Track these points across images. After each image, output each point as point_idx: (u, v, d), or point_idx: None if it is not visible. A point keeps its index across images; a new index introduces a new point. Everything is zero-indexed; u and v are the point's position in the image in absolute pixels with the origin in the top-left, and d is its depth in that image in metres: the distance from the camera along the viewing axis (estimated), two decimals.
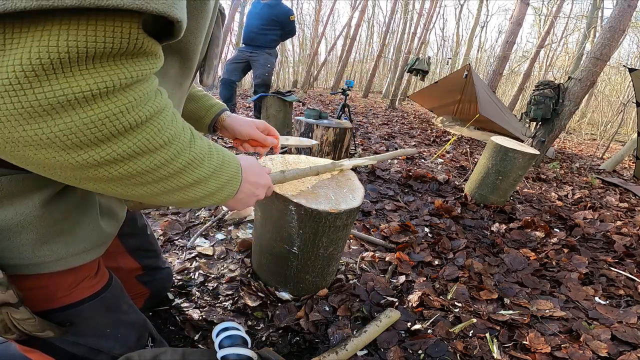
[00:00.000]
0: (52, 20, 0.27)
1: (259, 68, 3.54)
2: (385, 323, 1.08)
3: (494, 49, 19.44)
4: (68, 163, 0.34)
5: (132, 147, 0.36)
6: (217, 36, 0.60)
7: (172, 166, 0.41)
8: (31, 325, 0.48)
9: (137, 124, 0.35)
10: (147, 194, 0.42)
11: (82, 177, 0.36)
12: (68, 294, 0.55)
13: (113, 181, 0.38)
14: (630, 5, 3.42)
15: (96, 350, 0.60)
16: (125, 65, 0.33)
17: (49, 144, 0.32)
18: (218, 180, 0.49)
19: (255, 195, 0.62)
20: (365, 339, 1.00)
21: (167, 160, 0.40)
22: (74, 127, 0.31)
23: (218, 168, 0.49)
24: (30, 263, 0.48)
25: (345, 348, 0.94)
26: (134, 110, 0.34)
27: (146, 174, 0.39)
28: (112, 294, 0.63)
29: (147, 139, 0.37)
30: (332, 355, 0.90)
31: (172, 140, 0.40)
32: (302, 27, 18.20)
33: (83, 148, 0.33)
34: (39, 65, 0.28)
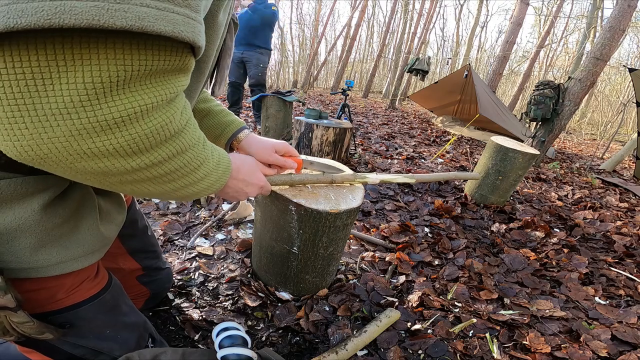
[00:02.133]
0: (123, 39, 0.31)
1: (252, 68, 3.58)
2: (385, 323, 1.07)
3: (494, 49, 19.45)
4: (123, 169, 0.38)
5: (172, 150, 0.41)
6: (229, 46, 0.60)
7: (193, 164, 0.46)
8: (30, 328, 0.48)
9: (178, 129, 0.41)
10: (167, 190, 0.46)
11: (125, 180, 0.40)
12: (68, 296, 0.55)
13: (148, 181, 0.43)
14: (630, 5, 3.42)
15: (96, 351, 0.60)
16: (174, 80, 0.38)
17: (113, 153, 0.36)
18: (216, 174, 0.52)
19: (245, 192, 0.66)
20: (365, 339, 1.00)
21: (191, 159, 0.45)
22: (137, 137, 0.36)
23: (217, 163, 0.52)
24: (29, 267, 0.48)
25: (345, 348, 0.94)
26: (175, 119, 0.40)
27: (174, 172, 0.44)
28: (111, 296, 0.63)
29: (182, 142, 0.42)
30: (332, 355, 0.90)
31: (196, 142, 0.45)
32: (302, 27, 18.19)
33: (138, 154, 0.38)
34: (109, 81, 0.32)
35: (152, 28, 0.30)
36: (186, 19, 0.34)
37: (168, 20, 0.32)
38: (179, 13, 0.33)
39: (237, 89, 3.71)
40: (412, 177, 1.11)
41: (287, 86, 14.70)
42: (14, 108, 0.30)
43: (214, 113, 0.81)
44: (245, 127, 0.84)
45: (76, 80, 0.30)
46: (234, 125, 0.82)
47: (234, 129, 0.82)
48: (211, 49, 0.51)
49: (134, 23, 0.29)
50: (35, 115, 0.31)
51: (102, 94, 0.32)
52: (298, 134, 2.71)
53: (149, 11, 0.30)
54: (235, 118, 0.84)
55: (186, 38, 0.34)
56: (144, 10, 0.30)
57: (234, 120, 0.83)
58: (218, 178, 0.53)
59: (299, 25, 18.37)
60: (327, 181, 0.98)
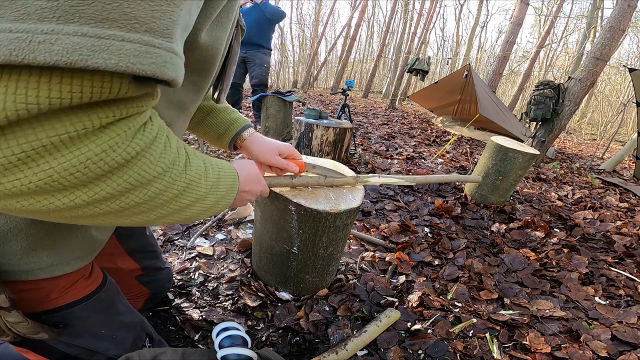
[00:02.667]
0: (29, 72, 0.25)
1: (255, 68, 3.55)
2: (385, 323, 1.07)
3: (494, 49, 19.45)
4: (55, 206, 0.32)
5: (122, 185, 0.34)
6: (236, 53, 0.57)
7: (168, 194, 0.40)
8: (24, 328, 0.48)
9: (125, 160, 0.33)
10: (144, 220, 0.41)
11: (73, 216, 0.35)
12: (61, 296, 0.55)
13: (107, 215, 0.37)
14: (630, 5, 3.42)
15: (91, 351, 0.60)
16: (108, 107, 0.30)
17: (30, 193, 0.30)
18: (215, 195, 0.48)
19: (246, 199, 0.64)
20: (365, 339, 1.00)
21: (162, 189, 0.38)
22: (54, 173, 0.29)
23: (215, 184, 0.48)
24: (20, 270, 0.48)
25: (345, 348, 0.94)
26: (119, 148, 0.32)
27: (141, 205, 0.38)
28: (106, 295, 0.63)
29: (138, 173, 0.35)
30: (332, 355, 0.90)
31: (166, 170, 0.38)
32: (302, 27, 18.19)
33: (69, 190, 0.31)
34: (13, 114, 0.25)
35: (84, 63, 0.25)
36: (144, 48, 0.27)
37: (112, 51, 0.26)
38: (132, 40, 0.27)
39: (236, 90, 3.68)
40: (413, 179, 1.10)
41: (287, 86, 14.70)
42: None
43: (218, 110, 0.80)
44: (249, 125, 0.83)
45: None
46: (238, 123, 0.81)
47: (237, 127, 0.81)
48: (215, 62, 0.49)
49: (59, 58, 0.24)
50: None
51: (15, 126, 0.26)
52: (298, 134, 2.71)
53: (83, 42, 0.24)
54: (239, 116, 0.82)
55: (139, 71, 0.28)
56: (77, 41, 0.24)
57: (238, 118, 0.82)
58: (220, 198, 0.50)
59: (299, 25, 18.37)
60: (327, 184, 0.98)
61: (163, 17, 0.29)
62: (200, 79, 0.51)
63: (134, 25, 0.27)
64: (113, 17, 0.26)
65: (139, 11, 0.27)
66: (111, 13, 0.26)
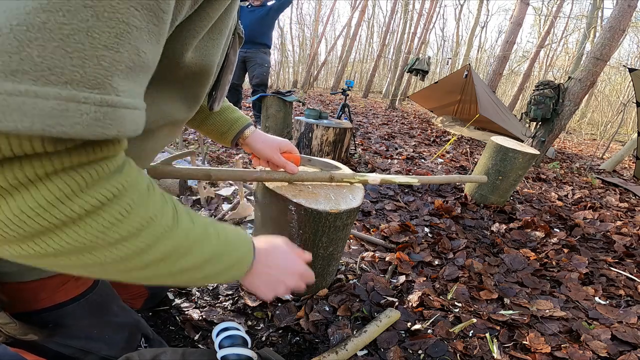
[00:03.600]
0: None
1: (256, 68, 3.50)
2: (385, 323, 1.07)
3: (494, 49, 19.45)
4: (9, 254, 0.29)
5: (80, 239, 0.29)
6: (232, 62, 0.55)
7: (145, 258, 0.34)
8: (12, 329, 0.48)
9: (85, 211, 0.28)
10: (125, 278, 0.36)
11: (37, 263, 0.31)
12: (51, 296, 0.55)
13: (71, 268, 0.32)
14: (630, 5, 3.42)
15: (84, 351, 0.60)
16: (55, 157, 0.26)
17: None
18: (217, 265, 0.43)
19: (283, 282, 0.54)
20: (365, 338, 1.00)
21: (136, 251, 0.33)
22: (5, 219, 0.25)
23: (218, 254, 0.42)
24: (10, 271, 0.48)
25: (345, 348, 0.94)
26: (77, 197, 0.27)
27: (112, 264, 0.32)
28: (98, 295, 0.63)
29: (103, 227, 0.29)
30: (332, 355, 0.90)
31: (140, 229, 0.32)
32: (302, 27, 18.20)
33: (14, 242, 0.27)
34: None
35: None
36: (62, 105, 0.22)
37: (24, 111, 0.21)
38: (46, 97, 0.22)
39: (236, 91, 3.64)
40: (415, 178, 1.07)
41: (287, 86, 14.70)
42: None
43: (221, 110, 0.80)
44: (251, 123, 0.84)
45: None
46: (240, 122, 0.82)
47: (240, 125, 0.81)
48: (210, 75, 0.46)
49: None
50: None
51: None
52: (298, 134, 2.71)
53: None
54: (241, 115, 0.83)
55: (61, 134, 0.23)
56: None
57: (240, 117, 0.83)
58: (224, 269, 0.44)
59: (299, 25, 18.38)
60: (326, 178, 0.97)
61: (89, 63, 0.23)
62: (191, 94, 0.48)
63: (49, 77, 0.22)
64: (23, 68, 0.21)
65: (55, 60, 0.22)
66: (21, 64, 0.21)
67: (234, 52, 0.55)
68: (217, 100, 0.58)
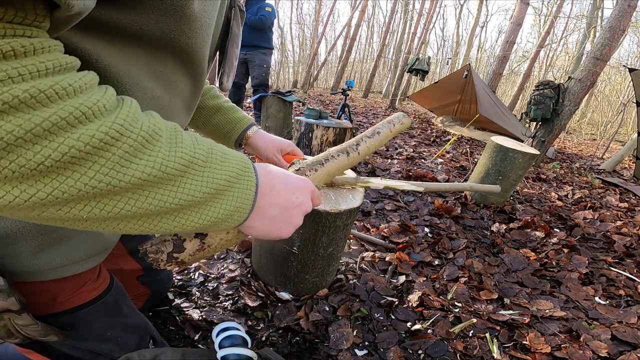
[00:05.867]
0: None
1: (255, 69, 3.57)
2: (398, 129, 0.89)
3: (494, 49, 19.46)
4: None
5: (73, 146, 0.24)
6: (236, 34, 0.55)
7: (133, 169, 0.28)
8: (34, 330, 0.48)
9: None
10: (125, 225, 0.31)
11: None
12: (69, 299, 0.55)
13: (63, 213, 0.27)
14: (630, 5, 3.42)
15: (95, 353, 0.60)
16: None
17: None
18: (204, 179, 0.34)
19: (302, 204, 0.45)
20: (377, 142, 0.84)
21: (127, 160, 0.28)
22: None
23: (201, 158, 0.34)
24: (29, 270, 0.48)
25: (356, 150, 0.78)
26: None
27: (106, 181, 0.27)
28: (113, 298, 0.63)
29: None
30: (342, 155, 0.75)
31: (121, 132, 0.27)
32: (302, 27, 18.20)
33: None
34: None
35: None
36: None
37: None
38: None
39: (239, 90, 3.71)
40: (421, 185, 1.00)
41: (287, 86, 14.70)
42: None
43: (224, 110, 0.81)
44: (254, 123, 0.85)
45: None
46: (244, 122, 0.83)
47: (243, 125, 0.82)
48: (203, 35, 0.43)
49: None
50: None
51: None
52: (298, 134, 2.71)
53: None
54: (244, 115, 0.84)
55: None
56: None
57: (243, 117, 0.83)
58: (226, 187, 0.36)
59: (299, 25, 18.39)
60: (327, 183, 0.98)
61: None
62: (194, 64, 0.47)
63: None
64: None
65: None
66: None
67: (237, 25, 0.55)
68: (227, 74, 0.57)
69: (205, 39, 0.45)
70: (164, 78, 0.45)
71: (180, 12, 0.37)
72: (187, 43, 0.42)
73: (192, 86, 0.52)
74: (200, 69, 0.50)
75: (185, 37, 0.41)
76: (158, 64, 0.42)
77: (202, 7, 0.41)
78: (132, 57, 0.38)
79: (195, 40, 0.43)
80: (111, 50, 0.36)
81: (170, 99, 0.48)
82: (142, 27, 0.36)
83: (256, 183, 0.39)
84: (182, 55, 0.44)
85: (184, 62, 0.46)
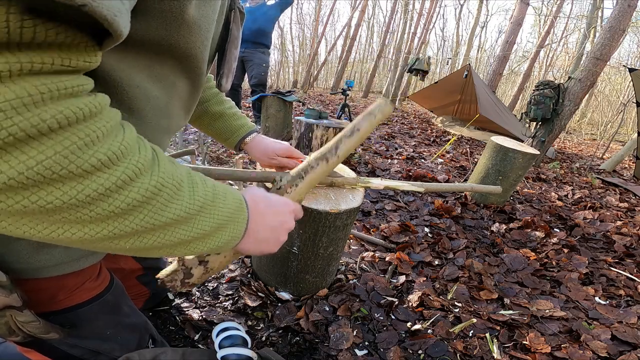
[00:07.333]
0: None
1: (254, 68, 3.49)
2: (380, 118, 0.76)
3: (494, 49, 19.45)
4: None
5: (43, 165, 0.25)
6: (235, 36, 0.56)
7: (123, 196, 0.30)
8: (35, 327, 0.48)
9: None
10: (99, 238, 0.32)
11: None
12: (69, 297, 0.55)
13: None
14: (630, 5, 3.42)
15: (95, 352, 0.60)
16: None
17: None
18: (212, 216, 0.40)
19: (284, 222, 0.53)
20: (358, 139, 0.74)
21: (113, 187, 0.29)
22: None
23: (210, 200, 0.40)
24: (30, 267, 0.48)
25: (336, 154, 0.72)
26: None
27: (82, 206, 0.28)
28: (113, 297, 0.63)
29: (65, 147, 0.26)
30: (321, 163, 0.70)
31: (116, 155, 0.29)
32: (302, 27, 18.20)
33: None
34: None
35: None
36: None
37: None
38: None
39: (235, 91, 3.62)
40: (422, 185, 0.99)
41: (287, 86, 14.70)
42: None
43: (227, 116, 0.84)
44: (254, 130, 0.88)
45: None
46: (243, 129, 0.86)
47: (241, 134, 0.86)
48: (195, 46, 0.45)
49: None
50: None
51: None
52: (298, 134, 2.71)
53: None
54: (246, 122, 0.87)
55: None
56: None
57: (245, 124, 0.87)
58: (222, 223, 0.42)
59: (299, 25, 18.38)
60: (326, 183, 0.98)
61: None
62: (193, 66, 0.48)
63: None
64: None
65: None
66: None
67: (237, 27, 0.56)
68: (225, 76, 0.59)
69: (204, 42, 0.47)
70: (163, 80, 0.46)
71: (180, 18, 0.39)
72: (187, 47, 0.44)
73: (190, 88, 0.53)
74: (199, 72, 0.51)
75: (184, 42, 0.43)
76: (158, 67, 0.44)
77: (201, 12, 0.42)
78: (132, 61, 0.40)
79: (194, 44, 0.44)
80: (113, 55, 0.37)
81: (168, 100, 0.49)
82: (142, 33, 0.38)
83: (247, 215, 0.47)
84: (181, 58, 0.45)
85: (183, 65, 0.47)
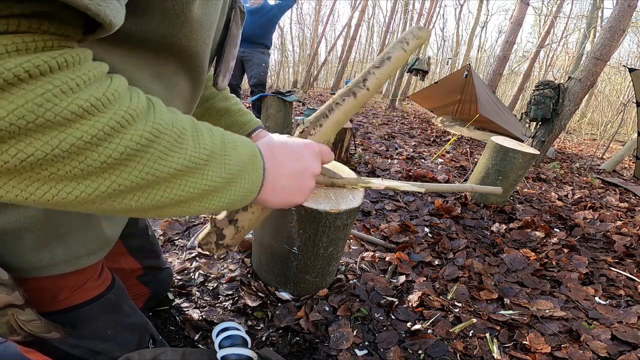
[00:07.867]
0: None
1: (253, 68, 3.47)
2: (414, 44, 0.69)
3: (494, 49, 19.46)
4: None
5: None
6: (235, 35, 0.55)
7: (116, 143, 0.27)
8: (37, 326, 0.48)
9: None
10: (126, 205, 0.31)
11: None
12: (71, 296, 0.55)
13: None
14: (630, 5, 3.42)
15: (95, 351, 0.60)
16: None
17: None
18: (223, 166, 0.37)
19: (307, 168, 0.47)
20: (389, 70, 0.66)
21: (103, 134, 0.26)
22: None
23: (218, 149, 0.37)
24: (31, 266, 0.48)
25: (365, 86, 0.64)
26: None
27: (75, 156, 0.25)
28: (114, 296, 0.63)
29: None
30: (348, 99, 0.63)
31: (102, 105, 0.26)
32: (302, 27, 18.20)
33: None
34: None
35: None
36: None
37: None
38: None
39: (234, 91, 3.59)
40: (422, 186, 0.98)
41: (287, 86, 14.70)
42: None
43: (233, 112, 0.83)
44: (260, 126, 0.87)
45: None
46: (250, 124, 0.85)
47: (248, 129, 0.85)
48: (204, 38, 0.44)
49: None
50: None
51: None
52: None
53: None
54: (251, 118, 0.86)
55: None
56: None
57: (251, 119, 0.86)
58: (234, 175, 0.38)
59: (299, 25, 18.38)
60: (327, 183, 0.98)
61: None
62: (194, 65, 0.47)
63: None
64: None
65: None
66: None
67: (237, 27, 0.55)
68: (222, 74, 0.58)
69: (206, 41, 0.46)
70: (165, 79, 0.46)
71: (182, 16, 0.38)
72: (188, 46, 0.43)
73: (192, 86, 0.53)
74: (200, 70, 0.51)
75: (186, 40, 0.42)
76: (159, 66, 0.43)
77: (203, 11, 0.42)
78: (134, 59, 0.40)
79: (196, 43, 0.44)
80: (114, 53, 0.37)
81: (170, 99, 0.49)
82: (144, 32, 0.37)
83: (263, 164, 0.43)
84: (183, 57, 0.45)
85: (185, 64, 0.47)
